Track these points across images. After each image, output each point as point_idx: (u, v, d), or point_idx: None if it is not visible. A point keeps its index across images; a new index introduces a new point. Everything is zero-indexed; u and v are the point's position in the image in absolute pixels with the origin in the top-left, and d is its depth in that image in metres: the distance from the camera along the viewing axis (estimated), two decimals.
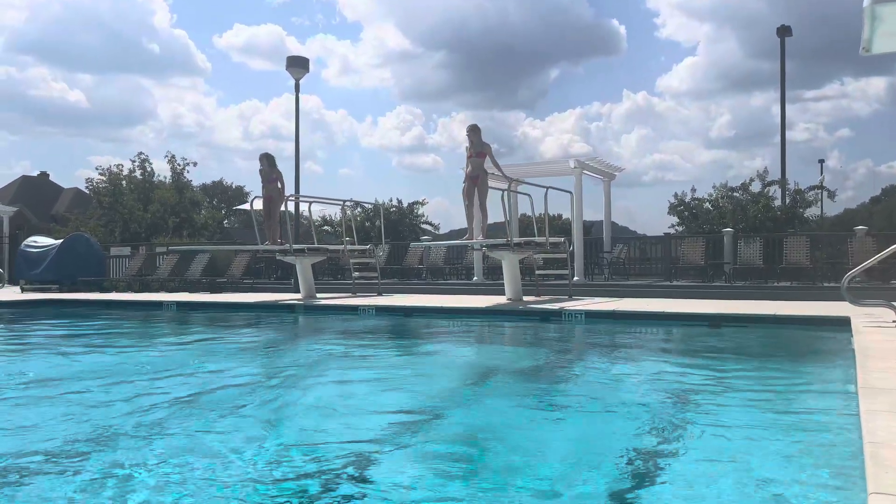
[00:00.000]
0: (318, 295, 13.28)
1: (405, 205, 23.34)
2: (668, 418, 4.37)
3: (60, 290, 16.90)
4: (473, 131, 11.59)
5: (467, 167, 11.68)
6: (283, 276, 17.41)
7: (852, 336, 6.23)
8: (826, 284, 12.13)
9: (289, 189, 14.32)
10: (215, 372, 6.48)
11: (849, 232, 14.11)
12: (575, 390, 5.51)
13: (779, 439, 3.79)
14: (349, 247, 14.26)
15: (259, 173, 13.37)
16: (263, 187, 13.37)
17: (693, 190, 19.01)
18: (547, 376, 6.15)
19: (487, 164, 11.72)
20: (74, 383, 5.74)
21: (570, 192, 13.88)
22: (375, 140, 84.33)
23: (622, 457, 3.51)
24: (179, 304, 12.70)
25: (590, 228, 19.70)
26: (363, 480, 3.23)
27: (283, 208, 14.13)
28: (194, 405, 4.89)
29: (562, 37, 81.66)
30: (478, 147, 11.53)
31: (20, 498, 2.98)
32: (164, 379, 5.97)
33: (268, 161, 13.26)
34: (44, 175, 51.86)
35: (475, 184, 11.61)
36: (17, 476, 3.25)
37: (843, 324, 7.26)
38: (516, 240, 11.47)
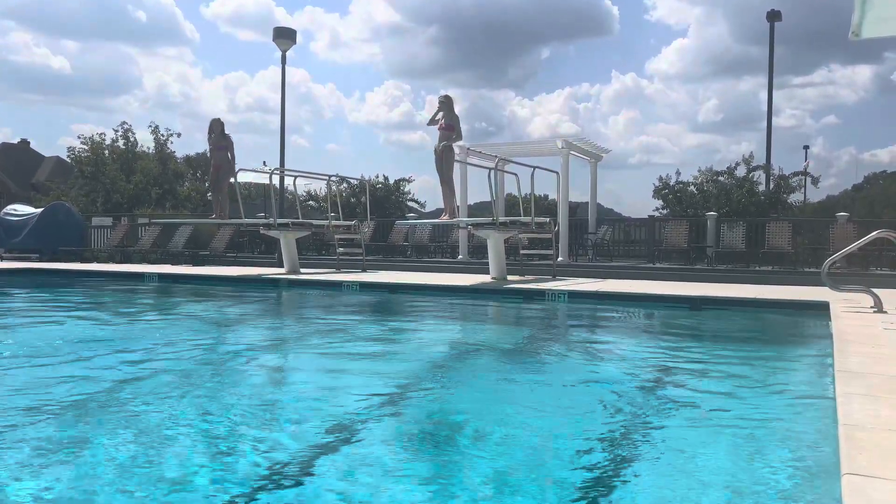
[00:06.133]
0: (302, 270, 13.23)
1: (392, 181, 23.19)
2: (645, 397, 4.41)
3: (41, 260, 16.70)
4: (446, 102, 11.17)
5: (438, 142, 11.19)
6: (267, 251, 17.33)
7: (831, 321, 6.31)
8: (807, 269, 12.25)
9: (274, 162, 14.13)
10: (194, 344, 6.44)
11: (830, 218, 14.25)
12: (555, 369, 5.54)
13: (754, 420, 3.84)
14: (334, 222, 14.19)
15: (207, 140, 12.97)
16: (211, 155, 12.99)
17: (678, 173, 19.02)
18: (528, 355, 6.18)
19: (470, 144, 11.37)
20: (49, 353, 5.69)
21: (557, 173, 13.87)
22: (363, 115, 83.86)
23: (598, 435, 3.53)
24: (161, 276, 12.60)
25: (575, 209, 19.71)
26: (340, 455, 3.24)
27: (232, 180, 13.50)
28: (170, 376, 4.86)
29: (554, 16, 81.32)
30: (448, 119, 11.13)
31: None
32: (141, 351, 5.92)
33: (219, 127, 12.81)
34: (24, 143, 50.97)
35: (442, 158, 11.20)
36: None
37: (823, 309, 7.34)
38: (502, 219, 11.46)
